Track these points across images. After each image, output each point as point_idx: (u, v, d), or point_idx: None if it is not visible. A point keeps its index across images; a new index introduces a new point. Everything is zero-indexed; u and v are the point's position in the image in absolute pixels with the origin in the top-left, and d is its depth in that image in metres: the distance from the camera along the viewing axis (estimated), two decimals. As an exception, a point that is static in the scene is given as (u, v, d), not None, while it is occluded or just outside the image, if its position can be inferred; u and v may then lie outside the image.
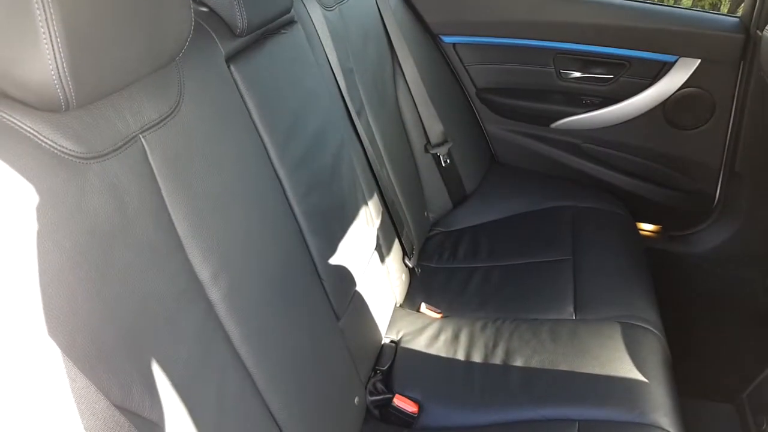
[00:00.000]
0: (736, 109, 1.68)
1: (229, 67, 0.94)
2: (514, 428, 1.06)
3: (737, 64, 1.62)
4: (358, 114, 1.35)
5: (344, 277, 1.13)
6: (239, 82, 0.95)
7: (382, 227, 1.34)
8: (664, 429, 1.02)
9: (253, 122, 0.96)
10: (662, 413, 1.05)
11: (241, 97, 0.95)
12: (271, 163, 0.98)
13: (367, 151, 1.35)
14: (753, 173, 1.70)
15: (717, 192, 1.82)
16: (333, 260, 1.08)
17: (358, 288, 1.18)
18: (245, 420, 0.81)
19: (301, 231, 1.02)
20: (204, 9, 0.95)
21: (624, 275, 1.43)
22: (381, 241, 1.33)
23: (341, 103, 1.30)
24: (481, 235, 1.67)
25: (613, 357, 1.15)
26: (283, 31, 1.12)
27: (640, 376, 1.11)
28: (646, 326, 1.25)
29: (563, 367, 1.15)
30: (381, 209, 1.36)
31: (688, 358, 1.35)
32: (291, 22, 1.17)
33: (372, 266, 1.27)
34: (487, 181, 1.89)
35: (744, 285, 1.76)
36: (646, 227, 1.94)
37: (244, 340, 0.82)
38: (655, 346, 1.21)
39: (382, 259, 1.33)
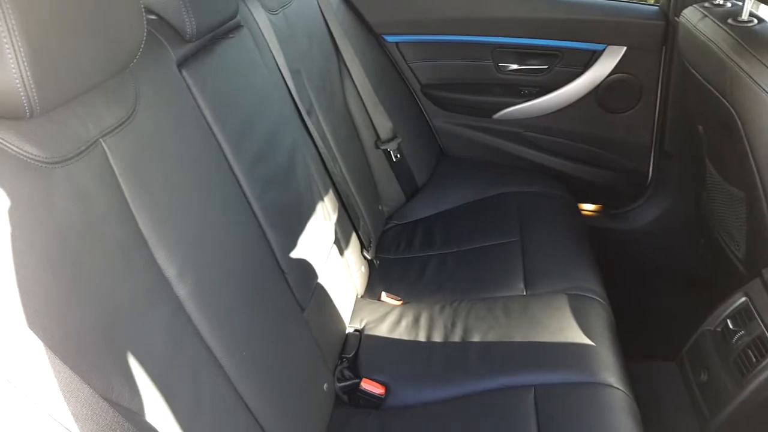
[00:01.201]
0: (661, 91, 1.81)
1: (181, 72, 0.97)
2: (475, 399, 1.12)
3: (660, 49, 1.75)
4: (308, 113, 1.40)
5: (306, 270, 1.17)
6: (191, 86, 0.98)
7: (339, 222, 1.39)
8: (612, 386, 1.11)
9: (208, 124, 0.99)
10: (610, 372, 1.13)
11: (194, 100, 0.98)
12: (227, 162, 1.02)
13: (319, 148, 1.39)
14: (680, 151, 1.83)
15: (650, 170, 1.95)
16: (294, 254, 1.13)
17: (320, 280, 1.22)
18: (220, 408, 0.84)
19: (261, 227, 1.06)
20: (153, 17, 0.98)
21: (568, 251, 1.53)
22: (339, 235, 1.38)
23: (291, 104, 1.34)
24: (434, 225, 1.74)
25: (563, 326, 1.24)
26: (231, 35, 1.15)
27: (588, 341, 1.20)
28: (591, 296, 1.34)
29: (517, 338, 1.22)
30: (337, 204, 1.41)
31: (631, 323, 1.45)
32: (238, 27, 1.20)
33: (332, 259, 1.32)
34: (437, 173, 1.97)
35: (678, 254, 1.89)
36: (588, 207, 2.05)
37: (213, 333, 0.86)
38: (600, 314, 1.30)
39: (341, 252, 1.38)
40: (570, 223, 1.69)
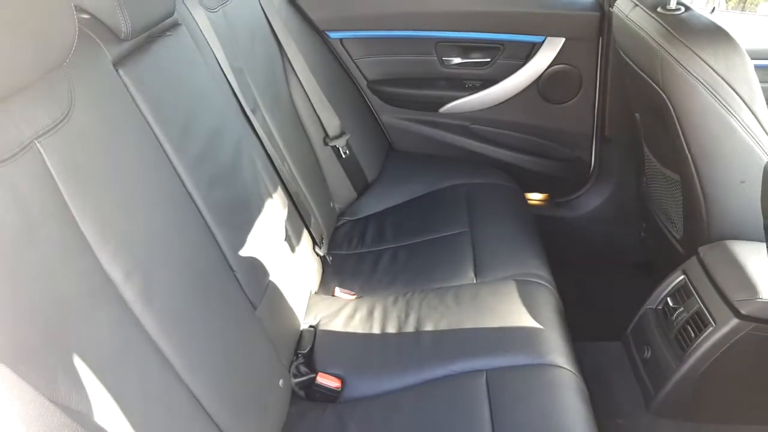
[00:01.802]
0: (600, 80, 1.87)
1: (117, 71, 0.95)
2: (428, 386, 1.14)
3: (596, 39, 1.81)
4: (253, 111, 1.39)
5: (256, 267, 1.16)
6: (129, 85, 0.96)
7: (289, 219, 1.39)
8: (560, 366, 1.14)
9: (148, 123, 0.97)
10: (558, 353, 1.17)
11: (132, 99, 0.96)
12: (170, 161, 1.00)
13: (266, 146, 1.38)
14: (620, 139, 1.89)
15: (592, 158, 2.01)
16: (243, 252, 1.12)
17: (272, 278, 1.22)
18: (172, 408, 0.83)
19: (207, 226, 1.05)
20: (86, 16, 0.95)
21: (516, 240, 1.56)
22: (290, 233, 1.38)
23: (235, 102, 1.33)
24: (385, 219, 1.75)
25: (512, 311, 1.27)
26: (168, 33, 1.13)
27: (536, 325, 1.23)
28: (538, 281, 1.38)
29: (468, 325, 1.25)
30: (286, 202, 1.40)
31: (579, 306, 1.50)
32: (175, 25, 1.18)
33: (283, 257, 1.31)
34: (386, 168, 1.98)
35: (622, 239, 1.96)
36: (535, 196, 2.11)
37: (161, 334, 0.85)
38: (548, 298, 1.34)
39: (293, 250, 1.37)
40: (517, 213, 1.73)
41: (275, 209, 1.32)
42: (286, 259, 1.33)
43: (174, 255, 0.92)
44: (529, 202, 2.06)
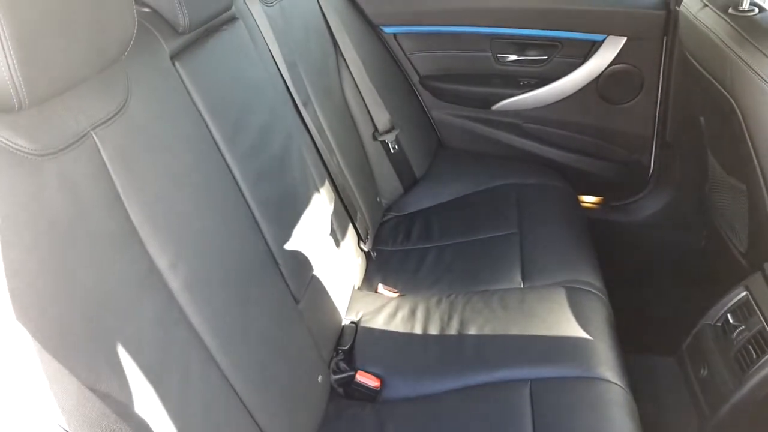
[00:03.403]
0: (662, 82, 1.79)
1: (174, 64, 0.96)
2: (470, 392, 1.12)
3: (661, 39, 1.72)
4: (305, 105, 1.39)
5: (300, 262, 1.16)
6: (185, 79, 0.97)
7: (335, 214, 1.38)
8: (609, 381, 1.10)
9: (201, 116, 0.99)
10: (607, 367, 1.12)
11: (188, 92, 0.97)
12: (221, 154, 1.01)
13: (315, 140, 1.38)
14: (681, 143, 1.81)
15: (651, 162, 1.93)
16: (288, 246, 1.12)
17: (315, 272, 1.22)
18: (212, 401, 0.84)
19: (254, 219, 1.05)
20: (146, 9, 0.97)
21: (567, 244, 1.51)
22: (335, 227, 1.37)
23: (287, 96, 1.33)
24: (432, 217, 1.73)
25: (560, 319, 1.23)
26: (224, 27, 1.14)
27: (585, 335, 1.19)
28: (589, 289, 1.33)
29: (514, 332, 1.21)
30: (333, 196, 1.40)
31: (630, 317, 1.44)
32: (233, 19, 1.19)
33: (328, 251, 1.31)
34: (435, 165, 1.95)
35: (679, 247, 1.88)
36: (588, 199, 2.04)
37: (205, 325, 0.85)
38: (598, 307, 1.29)
39: (338, 244, 1.37)
40: (569, 216, 1.67)
41: (322, 203, 1.32)
42: (331, 253, 1.32)
43: (220, 246, 0.92)
44: (583, 204, 2.00)
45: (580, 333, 1.19)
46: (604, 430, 1.00)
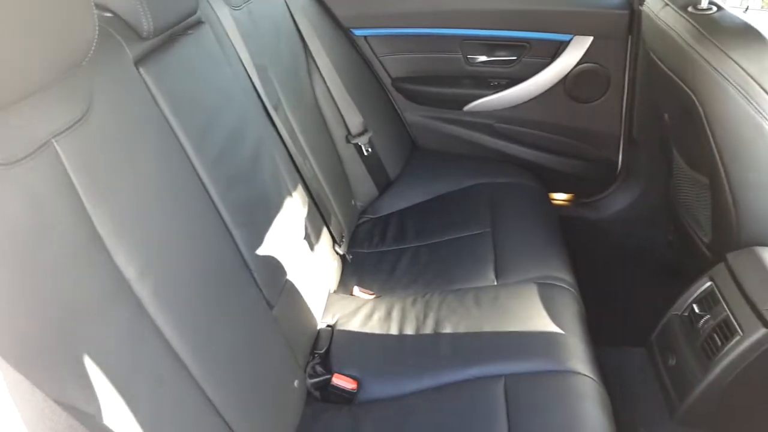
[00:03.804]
0: (628, 80, 1.83)
1: (138, 70, 0.96)
2: (446, 390, 1.13)
3: (625, 38, 1.76)
4: (275, 109, 1.39)
5: (274, 267, 1.16)
6: (149, 84, 0.96)
7: (309, 218, 1.39)
8: (581, 373, 1.12)
9: (168, 122, 0.98)
10: (579, 360, 1.15)
11: (153, 98, 0.96)
12: (189, 160, 1.00)
13: (287, 144, 1.38)
14: (648, 140, 1.85)
15: (619, 159, 1.97)
16: (261, 251, 1.12)
17: (290, 277, 1.22)
18: (185, 409, 0.84)
19: (225, 225, 1.05)
20: (108, 14, 0.96)
21: (539, 241, 1.54)
22: (309, 231, 1.37)
23: (257, 100, 1.33)
24: (407, 218, 1.74)
25: (532, 315, 1.25)
26: (190, 32, 1.14)
27: (556, 329, 1.21)
28: (560, 284, 1.36)
29: (487, 329, 1.23)
30: (307, 200, 1.40)
31: (602, 310, 1.47)
32: (198, 23, 1.19)
33: (302, 255, 1.31)
34: (409, 166, 1.97)
35: (648, 242, 1.91)
36: (559, 196, 2.07)
37: (176, 333, 0.85)
38: (569, 302, 1.31)
39: (312, 248, 1.37)
40: (541, 213, 1.70)
41: (295, 208, 1.32)
42: (305, 257, 1.33)
43: (190, 254, 0.92)
44: (554, 202, 2.03)
45: (552, 328, 1.21)
46: (576, 421, 1.02)
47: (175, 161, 0.96)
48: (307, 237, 1.35)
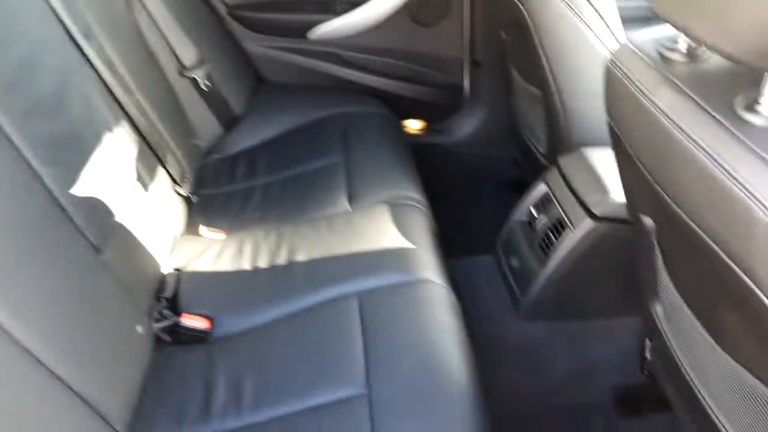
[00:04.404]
0: (467, 1, 1.85)
1: None
2: (302, 315, 1.11)
3: None
4: (87, 38, 1.23)
5: (97, 208, 1.05)
6: None
7: (139, 157, 1.27)
8: (431, 281, 1.15)
9: None
10: (429, 269, 1.17)
11: None
12: None
13: (104, 78, 1.24)
14: (490, 61, 1.90)
15: (465, 83, 2.01)
16: (78, 191, 1.00)
17: (120, 220, 1.11)
18: (14, 381, 0.74)
19: (27, 162, 0.92)
20: None
21: (390, 166, 1.54)
22: (141, 172, 1.26)
23: (59, 28, 1.17)
24: (257, 155, 1.67)
25: (384, 233, 1.25)
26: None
27: (408, 244, 1.22)
28: (411, 203, 1.38)
29: (341, 251, 1.22)
30: (135, 138, 1.28)
31: (456, 227, 1.52)
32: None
33: (135, 197, 1.20)
34: (255, 101, 1.87)
35: (497, 161, 2.01)
36: (412, 124, 2.09)
37: None
38: (420, 219, 1.34)
39: (147, 189, 1.26)
40: (392, 140, 1.70)
41: (119, 145, 1.20)
42: (139, 200, 1.22)
43: None
44: (408, 130, 2.04)
45: (404, 243, 1.23)
46: (428, 326, 1.05)
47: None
48: (139, 178, 1.24)
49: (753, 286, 0.52)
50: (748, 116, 0.51)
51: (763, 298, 0.51)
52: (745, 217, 0.49)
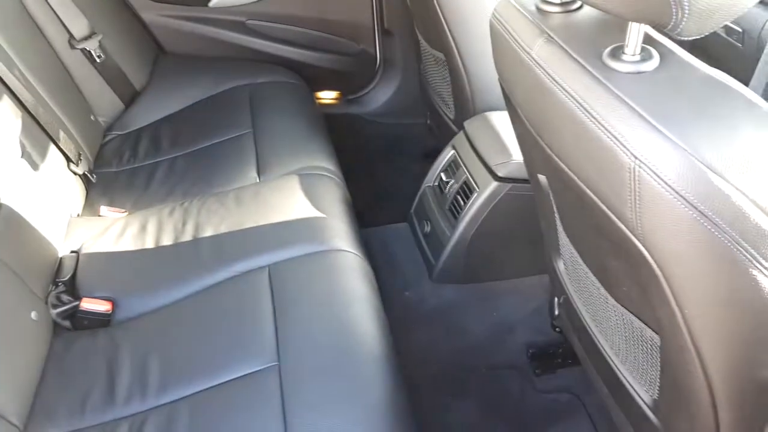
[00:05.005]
0: (375, -33, 1.82)
1: None
2: (210, 292, 1.08)
3: None
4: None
5: (-24, 189, 0.98)
6: None
7: (25, 134, 1.18)
8: (343, 250, 1.14)
9: None
10: (341, 238, 1.17)
11: None
12: None
13: (-21, 48, 1.14)
14: (399, 29, 1.89)
15: (377, 52, 2.00)
16: (-49, 171, 0.92)
17: (5, 201, 1.04)
18: None
19: None
20: None
21: (302, 137, 1.52)
22: (29, 149, 1.18)
23: None
24: (160, 130, 1.60)
25: (294, 204, 1.23)
26: None
27: (319, 214, 1.21)
28: (323, 173, 1.36)
29: (250, 224, 1.19)
30: (19, 113, 1.19)
31: (372, 197, 1.52)
32: None
33: (22, 176, 1.12)
34: (157, 74, 1.78)
35: (411, 130, 2.01)
36: (327, 95, 2.06)
37: None
38: (332, 188, 1.32)
39: (36, 168, 1.18)
40: (303, 110, 1.67)
41: (1, 122, 1.11)
42: (27, 179, 1.14)
43: None
44: (322, 101, 2.02)
45: (315, 213, 1.21)
46: (339, 293, 1.05)
47: None
48: (26, 155, 1.16)
49: (628, 233, 0.54)
50: (614, 64, 0.52)
51: (637, 243, 0.54)
52: (614, 163, 0.51)
